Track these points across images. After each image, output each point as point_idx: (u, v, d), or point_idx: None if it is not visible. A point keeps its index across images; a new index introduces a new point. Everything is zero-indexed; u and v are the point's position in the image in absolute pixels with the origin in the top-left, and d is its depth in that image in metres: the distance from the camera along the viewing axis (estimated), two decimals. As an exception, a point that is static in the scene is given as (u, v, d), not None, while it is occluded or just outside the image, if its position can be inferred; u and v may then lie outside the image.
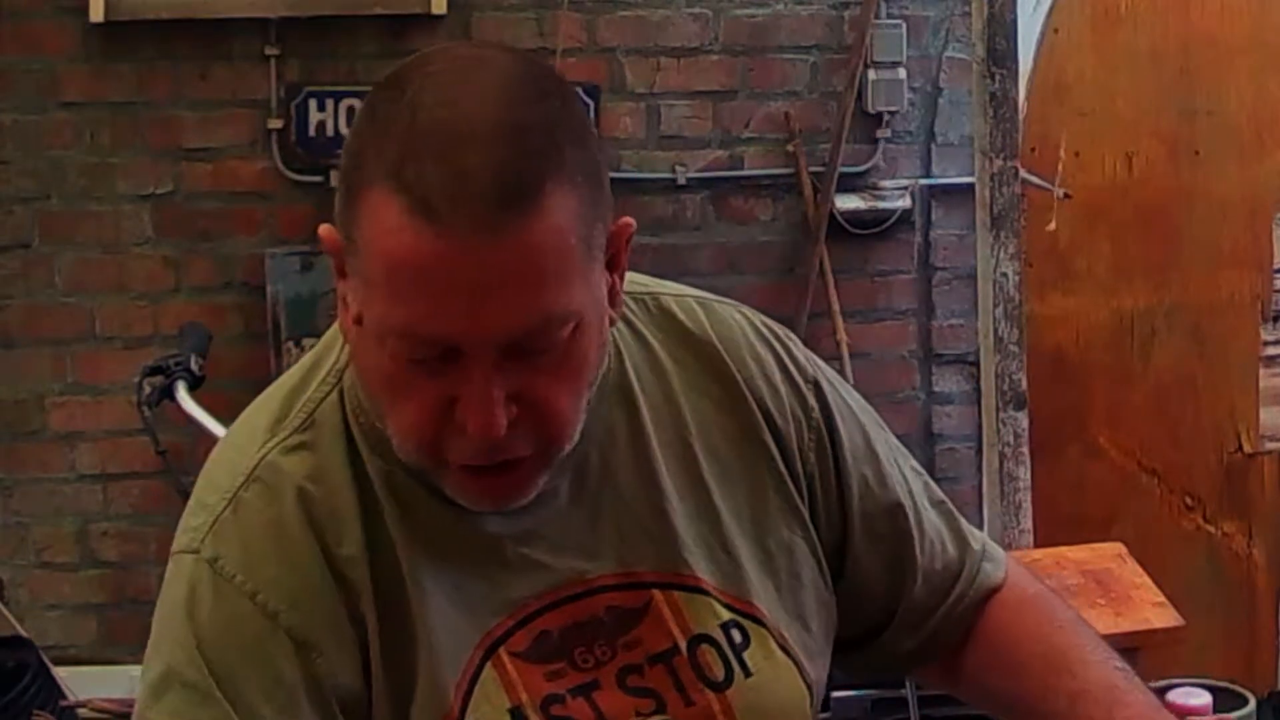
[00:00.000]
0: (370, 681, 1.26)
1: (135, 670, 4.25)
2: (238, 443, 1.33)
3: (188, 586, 1.26)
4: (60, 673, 3.72)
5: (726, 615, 1.34)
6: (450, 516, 1.28)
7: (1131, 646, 2.95)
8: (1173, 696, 2.53)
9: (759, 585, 1.37)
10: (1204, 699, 2.53)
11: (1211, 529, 4.33)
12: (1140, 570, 3.09)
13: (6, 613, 3.91)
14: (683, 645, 1.33)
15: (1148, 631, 2.91)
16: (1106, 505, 4.26)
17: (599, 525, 1.33)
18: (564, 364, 1.21)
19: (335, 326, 1.35)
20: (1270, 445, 4.31)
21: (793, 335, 1.47)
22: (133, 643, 4.21)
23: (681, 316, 1.42)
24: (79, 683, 3.78)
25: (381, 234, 1.16)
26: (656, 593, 1.33)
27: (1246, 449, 4.31)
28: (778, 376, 1.42)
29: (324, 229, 1.25)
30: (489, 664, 1.28)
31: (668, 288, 1.45)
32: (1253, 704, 2.61)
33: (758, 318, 1.46)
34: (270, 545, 1.25)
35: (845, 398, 1.47)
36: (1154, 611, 2.94)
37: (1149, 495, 4.30)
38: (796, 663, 1.37)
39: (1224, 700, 2.58)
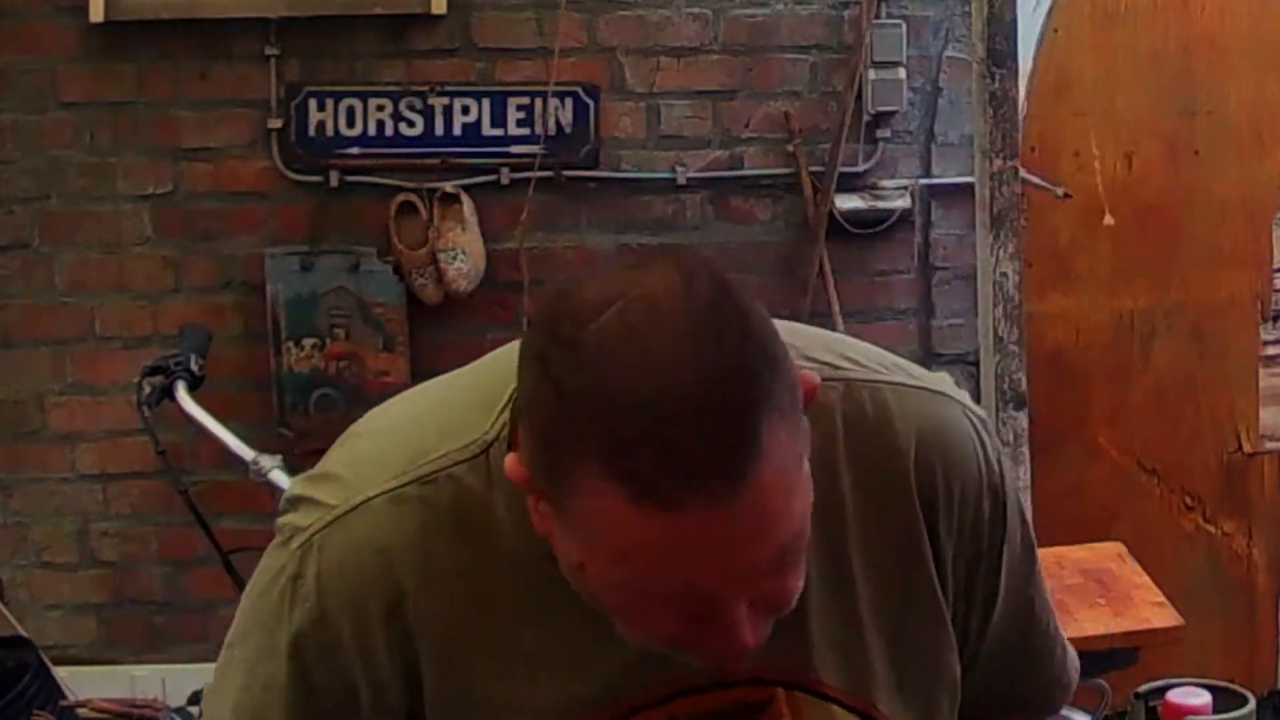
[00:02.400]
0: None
1: (135, 670, 4.26)
2: (373, 454, 1.36)
3: (273, 584, 1.34)
4: (60, 673, 3.72)
5: (847, 717, 1.36)
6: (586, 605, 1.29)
7: (1131, 646, 2.96)
8: (1173, 696, 2.52)
9: (887, 691, 1.37)
10: (1204, 699, 2.52)
11: (1211, 529, 4.33)
12: (1140, 570, 3.09)
13: (6, 613, 3.91)
14: None
15: (1148, 631, 2.91)
16: (1106, 505, 4.26)
17: None
18: (793, 558, 1.20)
19: (488, 366, 1.37)
20: (1270, 445, 4.31)
21: (990, 437, 1.43)
22: (132, 643, 4.22)
23: (870, 409, 1.36)
24: (79, 683, 3.79)
25: (607, 523, 1.13)
26: (780, 691, 1.34)
27: (1246, 449, 4.31)
28: (957, 488, 1.38)
29: (511, 462, 1.21)
30: None
31: (877, 369, 1.40)
32: (1253, 704, 2.61)
33: (961, 407, 1.42)
34: (343, 594, 1.30)
35: (1019, 514, 1.46)
36: (1154, 611, 2.94)
37: (1149, 495, 4.30)
38: None
39: (1224, 700, 2.57)
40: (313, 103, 4.13)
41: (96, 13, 3.99)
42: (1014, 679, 1.53)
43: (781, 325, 1.26)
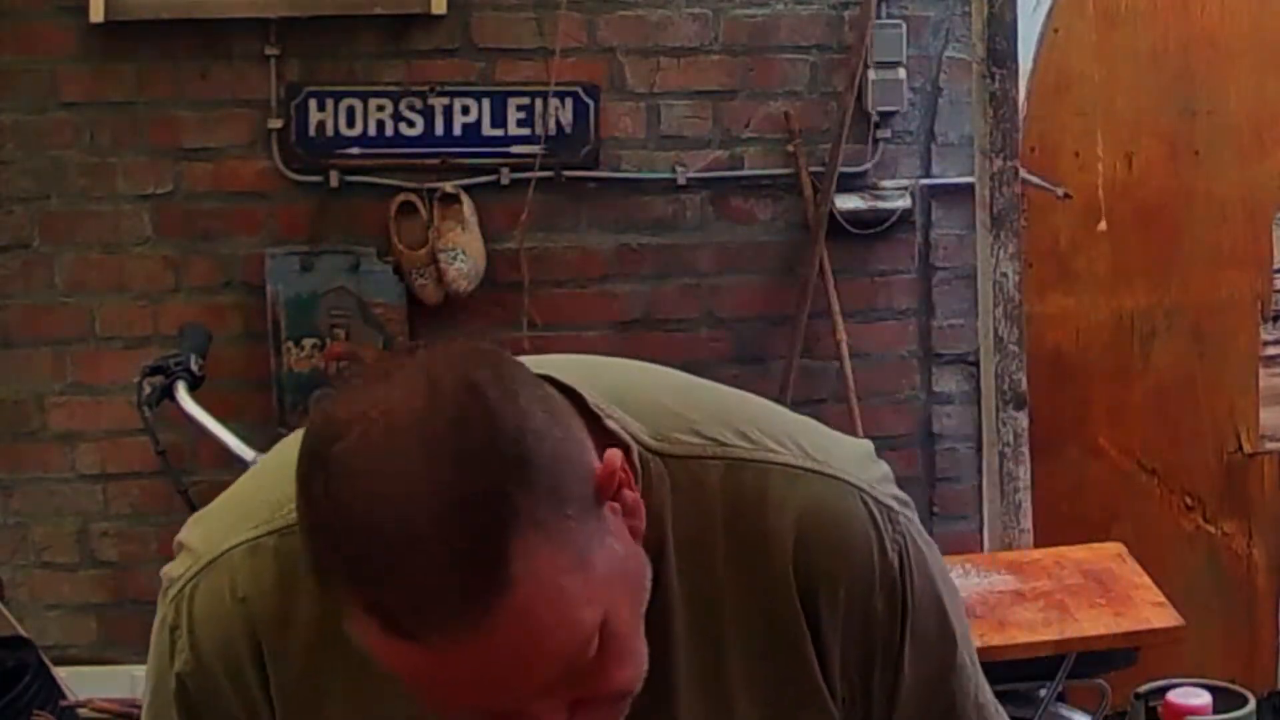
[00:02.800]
0: None
1: (135, 670, 4.26)
2: (235, 507, 1.37)
3: (157, 637, 1.39)
4: (60, 673, 3.71)
5: None
6: None
7: (1131, 646, 2.96)
8: (1173, 696, 2.52)
9: None
10: (1204, 699, 2.52)
11: (1211, 529, 4.33)
12: (1140, 570, 3.09)
13: (6, 613, 3.91)
14: None
15: (1148, 631, 2.91)
16: (1106, 505, 4.26)
17: None
18: (609, 653, 1.15)
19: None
20: (1270, 445, 4.32)
21: (896, 526, 1.33)
22: (133, 642, 4.21)
23: (750, 491, 1.29)
24: (79, 683, 3.78)
25: (373, 646, 1.12)
26: None
27: (1246, 449, 4.31)
28: (843, 584, 1.30)
29: None
30: None
31: (772, 448, 1.32)
32: (1253, 704, 2.61)
33: (865, 501, 1.31)
34: (214, 649, 1.33)
35: (934, 605, 1.36)
36: (1154, 611, 2.94)
37: (1149, 495, 4.30)
38: None
39: (1224, 700, 2.57)
40: (313, 103, 4.13)
41: (96, 13, 3.99)
42: None
43: (681, 391, 1.28)
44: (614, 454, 1.17)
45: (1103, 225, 4.06)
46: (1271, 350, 4.30)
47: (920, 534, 1.35)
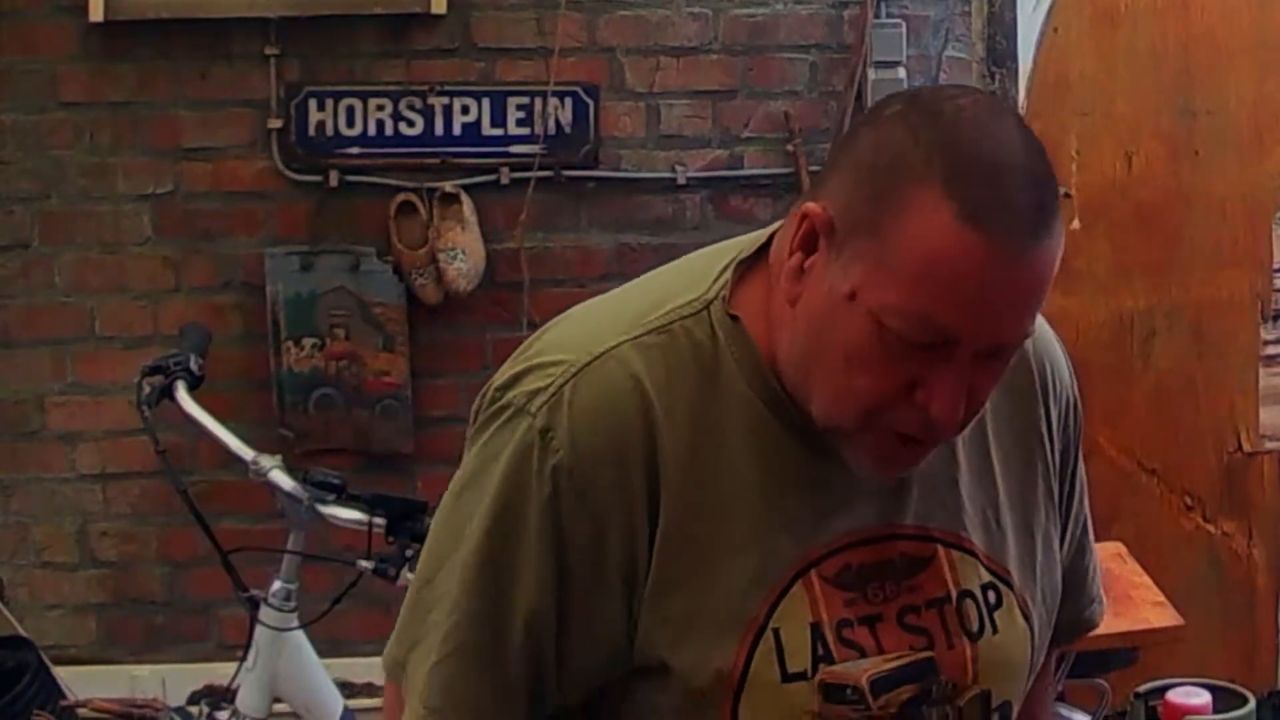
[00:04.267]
0: (644, 569, 1.41)
1: (135, 670, 4.26)
2: (597, 321, 1.48)
3: (518, 449, 1.41)
4: (60, 673, 3.72)
5: (987, 577, 1.53)
6: (796, 450, 1.45)
7: (1131, 646, 2.96)
8: (1173, 696, 2.52)
9: (1016, 557, 1.56)
10: (1204, 699, 2.52)
11: (1211, 529, 4.33)
12: (1140, 570, 3.09)
13: (6, 613, 3.91)
14: (954, 595, 1.51)
15: (1148, 631, 2.91)
16: (1106, 505, 4.25)
17: (906, 484, 1.50)
18: (1007, 365, 1.42)
19: (698, 262, 1.52)
20: (1270, 445, 4.31)
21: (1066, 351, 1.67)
22: (133, 642, 4.21)
23: None
24: (79, 683, 3.79)
25: (927, 232, 1.32)
26: (940, 548, 1.51)
27: (1246, 448, 4.31)
28: (1065, 393, 1.63)
29: (811, 206, 1.38)
30: (799, 582, 1.45)
31: None
32: (1253, 704, 2.61)
33: (1050, 329, 1.65)
34: (601, 433, 1.40)
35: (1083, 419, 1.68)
36: (1154, 611, 2.94)
37: (1149, 495, 4.30)
38: (1031, 630, 1.56)
39: (1224, 700, 2.57)
40: (313, 103, 4.13)
41: (96, 13, 3.99)
42: (1071, 592, 1.67)
43: None
44: None
45: (1075, 224, 4.07)
46: (1271, 350, 4.30)
47: None
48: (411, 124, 4.16)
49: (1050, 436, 1.60)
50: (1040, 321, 1.56)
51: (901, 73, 4.22)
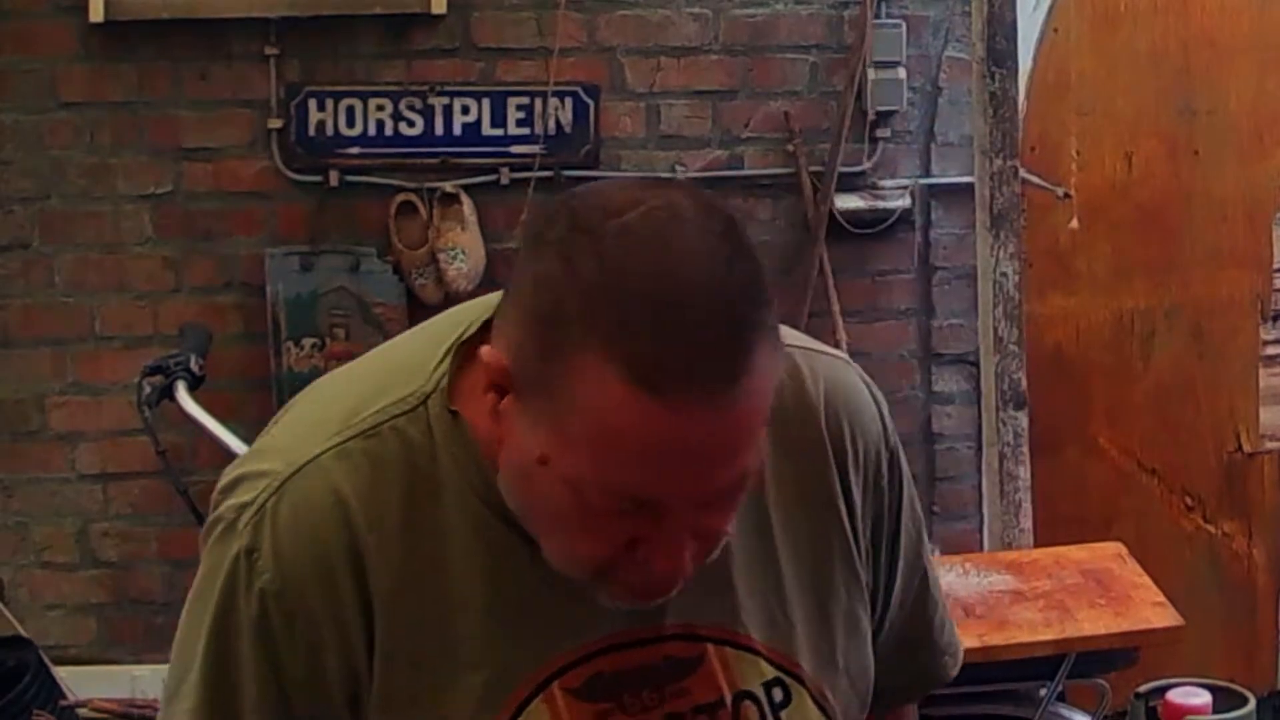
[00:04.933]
0: (367, 686, 1.30)
1: (135, 670, 4.25)
2: (311, 419, 1.36)
3: (229, 569, 1.30)
4: (60, 673, 3.72)
5: (771, 674, 1.38)
6: (528, 554, 1.30)
7: (1131, 646, 2.96)
8: (1173, 696, 2.52)
9: (806, 647, 1.40)
10: (1204, 699, 2.52)
11: (1211, 529, 4.33)
12: (1140, 570, 3.09)
13: (6, 613, 3.91)
14: (728, 699, 1.36)
15: (1148, 631, 2.91)
16: (1106, 505, 4.26)
17: None
18: (739, 496, 1.25)
19: (421, 331, 1.39)
20: (1270, 445, 4.31)
21: (884, 404, 1.49)
22: (133, 643, 4.21)
23: (782, 369, 1.40)
24: (79, 683, 3.79)
25: (601, 404, 1.15)
26: (710, 647, 1.36)
27: (1246, 449, 4.31)
28: (870, 451, 1.45)
29: (487, 353, 1.23)
30: (539, 697, 1.31)
31: (787, 337, 1.43)
32: (1253, 704, 2.61)
33: (858, 373, 1.49)
34: (303, 552, 1.29)
35: (911, 482, 1.52)
36: (1154, 611, 2.94)
37: (1149, 495, 4.30)
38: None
39: (1224, 700, 2.57)
40: (313, 103, 4.13)
41: (96, 13, 3.99)
42: (912, 651, 1.55)
43: None
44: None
45: (1074, 224, 4.07)
46: (1271, 350, 4.30)
47: None
48: (411, 124, 4.17)
49: (850, 504, 1.43)
50: (840, 375, 1.45)
51: (901, 73, 4.22)
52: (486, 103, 4.18)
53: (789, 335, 1.41)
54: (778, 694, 1.38)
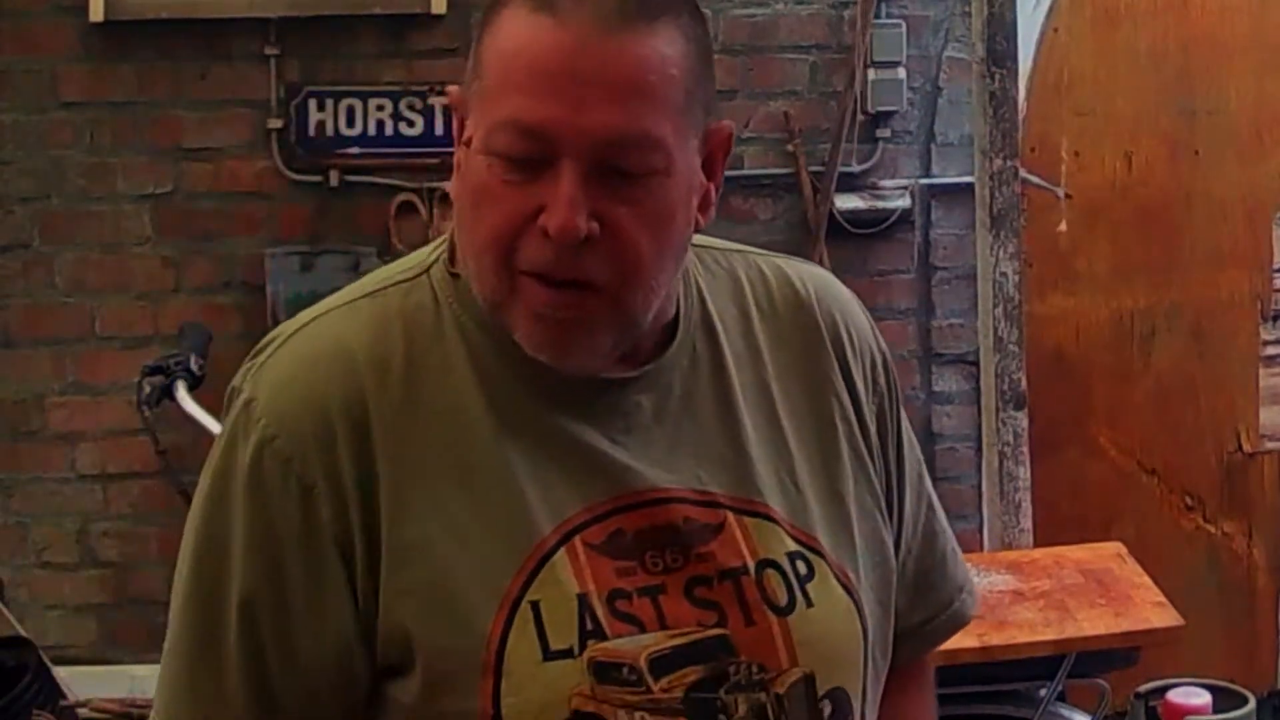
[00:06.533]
0: (362, 541, 1.30)
1: (136, 670, 4.25)
2: (321, 305, 1.41)
3: (231, 423, 1.35)
4: (60, 673, 3.71)
5: (793, 546, 1.38)
6: (541, 408, 1.34)
7: (1131, 646, 2.96)
8: (1173, 696, 2.53)
9: (825, 525, 1.40)
10: (1204, 699, 2.53)
11: (1211, 529, 4.33)
12: (1140, 570, 3.09)
13: (6, 613, 3.91)
14: (751, 566, 1.36)
15: (1148, 631, 2.91)
16: (1106, 505, 4.26)
17: (678, 447, 1.37)
18: (647, 203, 1.28)
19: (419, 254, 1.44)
20: (1270, 445, 4.32)
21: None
22: (133, 643, 4.21)
23: (768, 271, 1.49)
24: (79, 683, 3.78)
25: (505, 37, 1.28)
26: (730, 515, 1.37)
27: (1246, 449, 4.31)
28: (867, 347, 1.50)
29: (451, 90, 1.37)
30: (563, 549, 1.32)
31: (761, 252, 1.52)
32: (1253, 704, 2.61)
33: (842, 286, 1.55)
34: (299, 394, 1.32)
35: (899, 389, 1.55)
36: (1154, 611, 2.94)
37: (1149, 495, 4.30)
38: (856, 603, 1.40)
39: (1224, 700, 2.58)
40: (313, 103, 4.13)
41: (96, 13, 3.99)
42: (928, 581, 1.54)
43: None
44: (728, 125, 1.37)
45: (1063, 226, 4.08)
46: (1271, 350, 4.30)
47: None
48: (411, 124, 4.16)
49: (853, 393, 1.46)
50: (827, 278, 1.52)
51: (901, 73, 4.22)
52: (486, 103, 4.18)
53: (776, 256, 1.51)
54: (801, 566, 1.38)
